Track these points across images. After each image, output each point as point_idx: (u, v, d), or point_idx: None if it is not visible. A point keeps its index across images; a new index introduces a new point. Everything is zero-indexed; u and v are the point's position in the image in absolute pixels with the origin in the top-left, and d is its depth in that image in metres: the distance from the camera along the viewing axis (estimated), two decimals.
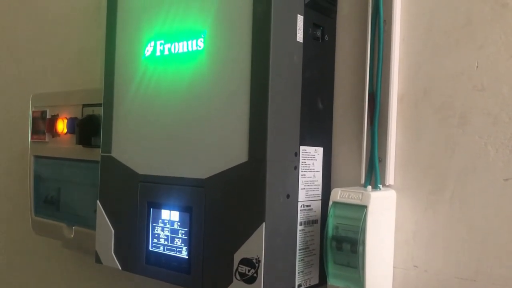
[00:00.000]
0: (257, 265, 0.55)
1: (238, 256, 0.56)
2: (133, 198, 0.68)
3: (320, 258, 0.63)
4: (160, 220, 0.66)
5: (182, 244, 0.63)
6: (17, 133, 1.16)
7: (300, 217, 0.60)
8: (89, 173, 0.88)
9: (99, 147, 0.75)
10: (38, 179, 1.00)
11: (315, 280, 0.63)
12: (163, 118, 0.66)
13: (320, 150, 0.63)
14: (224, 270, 0.58)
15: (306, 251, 0.61)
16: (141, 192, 0.68)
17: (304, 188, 0.61)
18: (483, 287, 0.54)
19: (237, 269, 0.56)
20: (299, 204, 0.60)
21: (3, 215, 1.24)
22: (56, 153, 0.94)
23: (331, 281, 0.58)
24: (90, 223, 0.86)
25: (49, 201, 0.97)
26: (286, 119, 0.58)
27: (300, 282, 0.60)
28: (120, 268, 0.70)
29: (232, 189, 0.58)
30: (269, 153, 0.55)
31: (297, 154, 0.59)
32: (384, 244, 0.59)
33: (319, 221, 0.63)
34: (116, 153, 0.72)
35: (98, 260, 0.74)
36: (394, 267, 0.60)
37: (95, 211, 0.76)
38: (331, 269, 0.58)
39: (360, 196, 0.56)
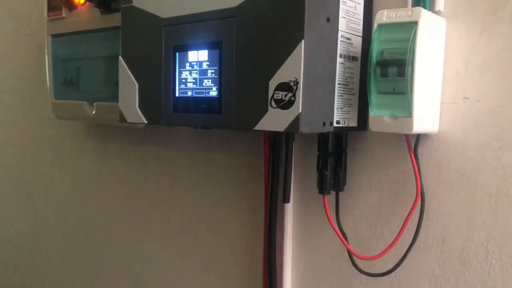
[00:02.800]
0: (294, 87, 0.50)
1: (273, 83, 0.52)
2: (157, 46, 0.64)
3: (359, 100, 0.59)
4: (187, 64, 0.61)
5: (212, 84, 0.59)
6: (32, 14, 1.11)
7: (340, 48, 0.55)
8: (108, 44, 0.84)
9: (119, 11, 0.70)
10: (56, 61, 0.96)
11: (353, 122, 0.59)
12: None
13: None
14: (258, 101, 0.53)
15: (345, 88, 0.56)
16: (166, 37, 0.63)
17: (345, 18, 0.55)
18: None
19: (272, 96, 0.52)
20: (339, 34, 0.55)
21: (22, 104, 1.22)
22: (75, 27, 0.89)
23: (374, 111, 0.53)
24: (110, 96, 0.83)
25: (68, 82, 0.94)
26: None
27: (338, 119, 0.56)
28: (146, 122, 0.67)
29: (268, 12, 0.53)
30: None
31: None
32: (433, 74, 0.54)
33: (359, 60, 0.58)
34: (137, 1, 0.67)
35: (122, 119, 0.70)
36: (441, 102, 0.56)
37: (116, 82, 0.72)
38: (374, 99, 0.53)
39: (410, 12, 0.50)
